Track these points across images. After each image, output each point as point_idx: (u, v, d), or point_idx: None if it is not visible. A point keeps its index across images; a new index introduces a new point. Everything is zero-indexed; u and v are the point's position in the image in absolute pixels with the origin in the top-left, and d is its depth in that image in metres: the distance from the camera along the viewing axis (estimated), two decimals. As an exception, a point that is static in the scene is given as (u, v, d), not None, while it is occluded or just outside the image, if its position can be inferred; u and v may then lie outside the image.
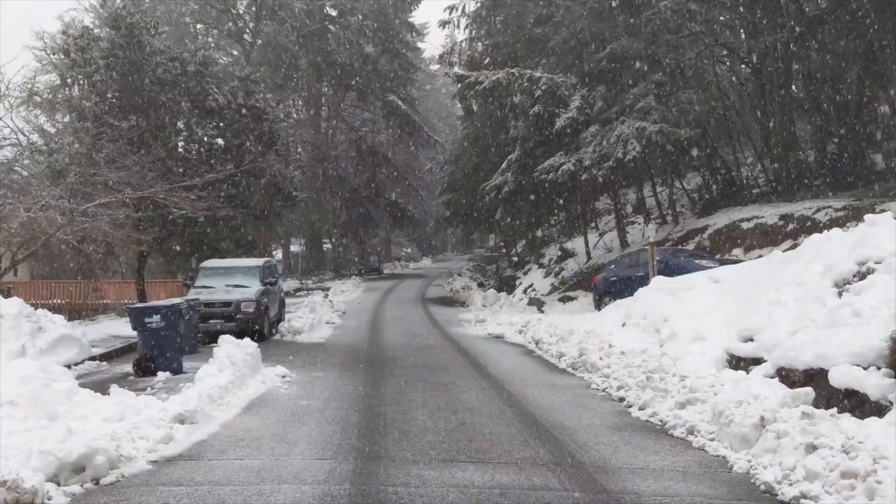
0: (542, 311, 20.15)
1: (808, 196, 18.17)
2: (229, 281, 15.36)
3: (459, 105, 31.94)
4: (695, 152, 21.03)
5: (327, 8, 40.39)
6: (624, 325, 12.40)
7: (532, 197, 23.16)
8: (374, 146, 46.00)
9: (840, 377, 6.03)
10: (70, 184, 14.67)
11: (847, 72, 18.72)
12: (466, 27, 34.42)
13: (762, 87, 20.85)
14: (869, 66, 17.82)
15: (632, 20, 21.78)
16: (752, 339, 8.27)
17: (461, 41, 36.98)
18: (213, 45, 34.88)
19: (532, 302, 22.70)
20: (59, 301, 20.71)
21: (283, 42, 37.19)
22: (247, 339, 9.75)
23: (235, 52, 38.80)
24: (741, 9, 21.36)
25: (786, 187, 19.41)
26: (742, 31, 22.98)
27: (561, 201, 24.18)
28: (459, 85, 25.38)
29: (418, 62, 51.29)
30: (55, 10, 49.32)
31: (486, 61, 29.25)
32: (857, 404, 5.79)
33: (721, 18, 24.19)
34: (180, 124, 20.25)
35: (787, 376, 6.94)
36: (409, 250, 74.78)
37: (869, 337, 6.06)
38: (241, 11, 38.75)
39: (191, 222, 18.51)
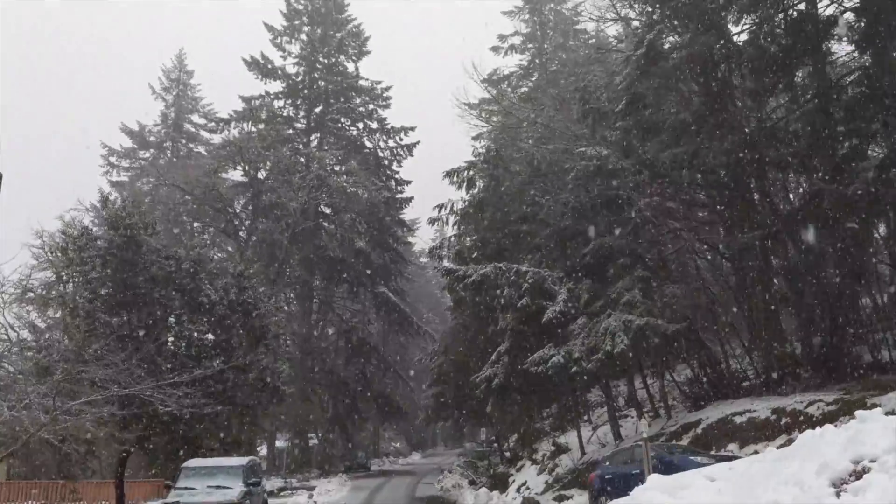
0: (537, 512, 19.36)
1: (798, 389, 18.12)
2: (211, 482, 14.87)
3: (449, 296, 32.44)
4: (682, 344, 21.20)
5: (322, 206, 41.98)
6: (621, 527, 11.88)
7: (523, 389, 23.00)
8: (363, 338, 46.15)
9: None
10: (56, 381, 14.55)
11: (825, 266, 19.30)
12: (455, 224, 35.64)
13: (744, 281, 21.39)
14: (845, 262, 18.41)
15: (613, 218, 22.77)
16: (753, 544, 7.93)
17: (450, 236, 38.14)
18: (208, 241, 35.92)
19: (526, 502, 21.88)
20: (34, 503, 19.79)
21: (278, 238, 38.33)
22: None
23: (230, 248, 39.85)
24: (718, 207, 22.39)
25: (776, 380, 19.40)
26: (720, 227, 23.90)
27: (552, 394, 24.01)
28: (448, 278, 25.91)
29: (409, 255, 52.65)
30: (56, 211, 50.99)
31: (475, 255, 30.06)
32: None
33: (700, 215, 25.28)
34: (172, 320, 20.46)
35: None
36: (397, 444, 72.94)
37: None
38: (237, 210, 40.20)
39: (176, 419, 18.19)
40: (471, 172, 30.47)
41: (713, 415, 19.50)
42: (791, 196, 24.31)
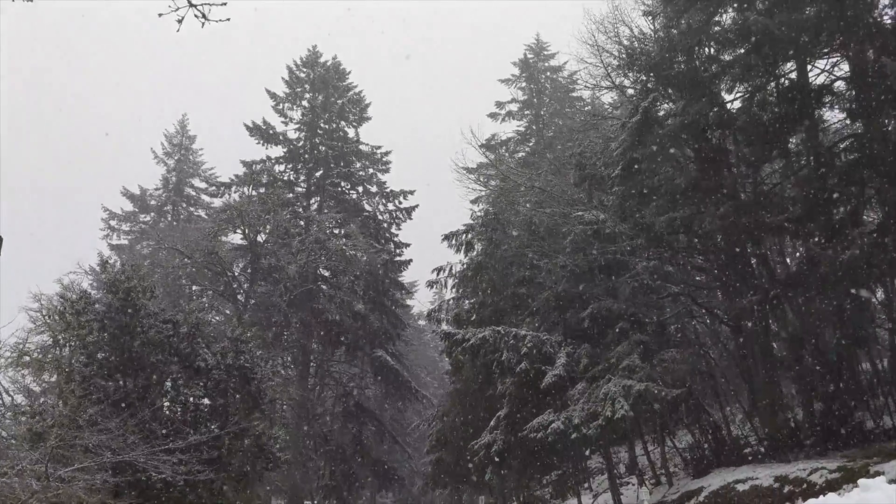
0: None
1: (800, 456, 17.93)
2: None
3: (447, 360, 32.26)
4: (683, 410, 21.04)
5: (320, 269, 42.03)
6: None
7: (523, 456, 22.72)
8: (361, 403, 45.69)
9: None
10: (50, 447, 14.37)
11: (824, 331, 19.30)
12: (453, 287, 35.70)
13: (743, 346, 21.33)
14: (844, 327, 18.42)
15: (611, 281, 22.84)
16: None
17: (448, 299, 38.13)
18: (206, 304, 35.87)
19: (525, 571, 21.38)
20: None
21: (276, 301, 38.28)
22: None
23: (228, 311, 39.75)
24: (716, 271, 22.49)
25: (777, 447, 19.19)
26: (719, 291, 23.96)
27: (553, 460, 23.71)
28: (447, 342, 25.82)
29: (407, 318, 52.48)
30: (55, 274, 51.12)
31: (473, 318, 30.01)
32: None
33: (697, 279, 25.37)
34: (168, 385, 20.30)
35: None
36: (394, 512, 71.29)
37: None
38: (236, 273, 40.25)
39: (170, 486, 17.89)
40: (469, 236, 30.68)
41: (715, 482, 19.22)
42: (788, 260, 24.48)
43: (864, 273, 17.24)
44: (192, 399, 20.34)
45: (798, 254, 24.05)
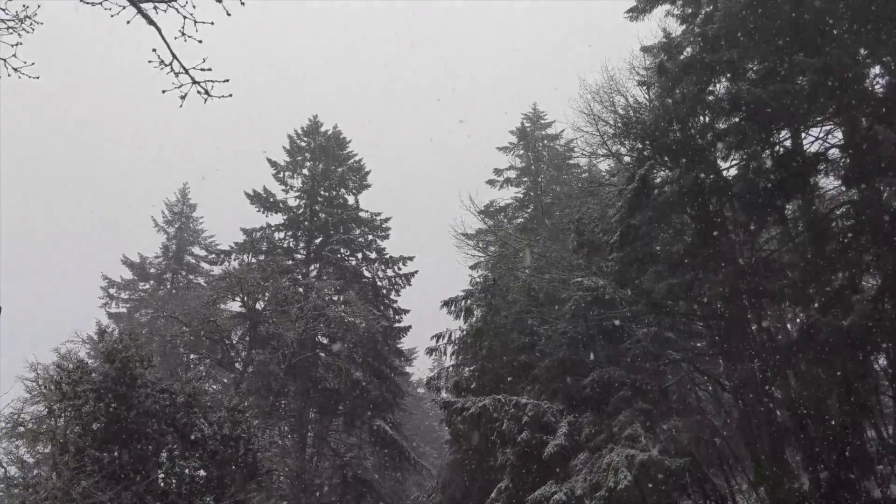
0: None
1: (809, 527, 17.55)
2: None
3: (447, 429, 31.84)
4: (687, 480, 20.65)
5: (319, 336, 41.84)
6: None
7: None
8: (359, 473, 44.88)
9: None
10: (41, 523, 14.08)
11: (827, 398, 19.10)
12: (452, 353, 35.48)
13: (747, 413, 21.09)
14: (847, 394, 18.24)
15: (612, 348, 22.73)
16: None
17: (448, 366, 37.83)
18: (204, 373, 35.56)
19: None
20: None
21: (274, 370, 37.99)
22: None
23: (226, 380, 39.41)
24: (716, 337, 22.37)
25: (785, 517, 18.79)
26: (720, 358, 23.80)
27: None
28: (446, 411, 25.54)
29: (406, 386, 51.95)
30: (54, 342, 50.86)
31: (473, 386, 29.74)
32: None
33: (698, 346, 25.21)
34: (163, 456, 19.98)
35: None
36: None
37: None
38: (234, 341, 40.04)
39: (162, 563, 17.47)
40: (468, 302, 30.67)
41: (723, 556, 18.76)
42: (789, 326, 24.37)
43: (865, 339, 17.17)
44: (187, 471, 19.96)
45: (799, 319, 23.96)
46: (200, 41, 7.31)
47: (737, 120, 20.01)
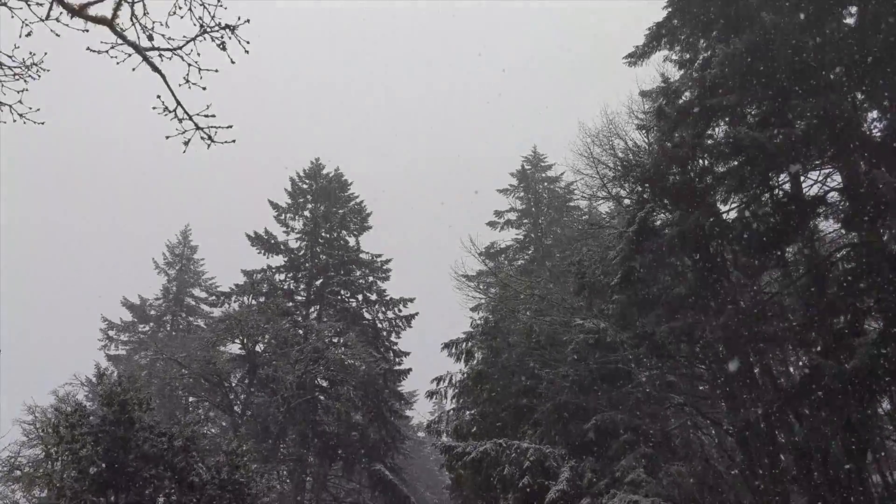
0: None
1: (817, 575, 17.24)
2: None
3: (448, 474, 31.47)
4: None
5: (318, 379, 41.59)
6: None
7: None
8: (358, 519, 44.27)
9: None
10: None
11: (831, 442, 18.90)
12: (453, 397, 35.21)
13: (750, 458, 20.85)
14: (851, 438, 18.05)
15: (614, 392, 22.55)
16: None
17: (448, 410, 37.54)
18: (202, 416, 35.28)
19: None
20: None
21: (273, 413, 37.68)
22: None
23: (224, 423, 39.06)
24: (719, 381, 22.22)
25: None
26: (722, 401, 23.62)
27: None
28: (447, 456, 25.27)
29: (406, 429, 51.49)
30: (51, 386, 50.55)
31: (474, 430, 29.46)
32: None
33: (701, 389, 25.02)
34: (161, 501, 19.73)
35: None
36: None
37: None
38: (233, 384, 39.80)
39: None
40: (469, 344, 30.53)
41: None
42: (791, 369, 24.24)
43: (868, 383, 17.05)
44: (184, 516, 19.71)
45: (801, 363, 23.85)
46: (205, 88, 7.40)
47: (736, 163, 20.12)
